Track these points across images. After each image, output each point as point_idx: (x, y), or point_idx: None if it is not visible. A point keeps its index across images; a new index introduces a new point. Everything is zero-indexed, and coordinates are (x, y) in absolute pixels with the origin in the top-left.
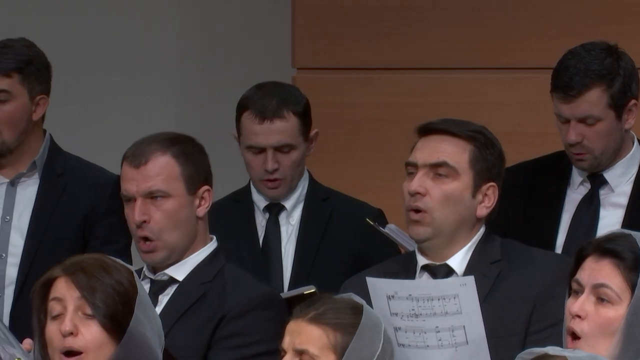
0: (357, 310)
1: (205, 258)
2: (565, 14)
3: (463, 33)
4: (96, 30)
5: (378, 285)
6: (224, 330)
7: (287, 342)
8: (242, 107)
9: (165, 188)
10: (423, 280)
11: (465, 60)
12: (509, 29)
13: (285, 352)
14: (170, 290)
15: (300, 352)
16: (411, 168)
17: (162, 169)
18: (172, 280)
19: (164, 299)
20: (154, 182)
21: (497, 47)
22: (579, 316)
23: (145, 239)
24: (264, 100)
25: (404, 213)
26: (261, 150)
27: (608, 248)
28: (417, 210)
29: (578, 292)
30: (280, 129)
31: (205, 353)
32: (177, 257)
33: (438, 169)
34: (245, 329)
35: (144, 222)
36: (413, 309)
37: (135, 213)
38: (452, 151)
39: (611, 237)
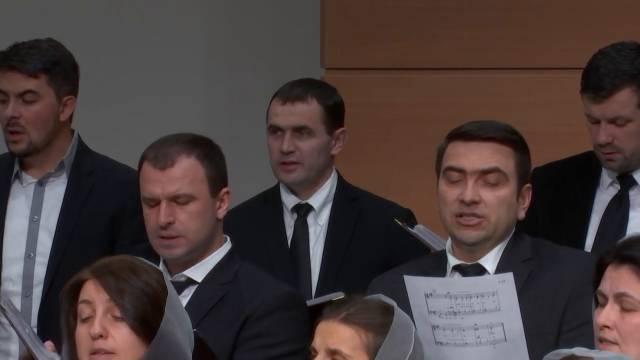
0: (387, 311)
1: (222, 259)
2: (597, 14)
3: (494, 33)
4: (125, 30)
5: (416, 284)
6: (250, 331)
7: (318, 342)
8: (273, 96)
9: (191, 191)
10: (462, 278)
11: (496, 60)
12: (540, 29)
13: (316, 353)
14: (188, 292)
15: (332, 352)
16: (456, 174)
17: (187, 171)
18: (190, 281)
19: (182, 300)
20: (180, 185)
21: (528, 47)
22: (607, 327)
23: (168, 237)
24: (293, 87)
25: (444, 216)
26: (281, 133)
27: (626, 255)
28: (472, 217)
29: (603, 304)
30: (300, 111)
31: (230, 353)
32: (195, 257)
33: (488, 176)
34: (271, 329)
35: (169, 223)
36: (451, 307)
37: (161, 215)
38: (501, 157)
39: (628, 243)
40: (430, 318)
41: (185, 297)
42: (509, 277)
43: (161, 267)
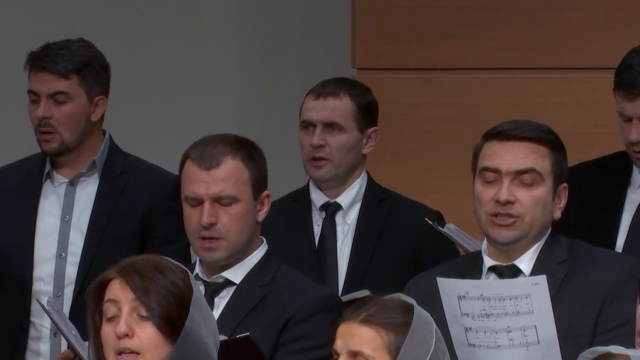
0: (407, 310)
1: (260, 260)
2: (628, 13)
3: (524, 33)
4: (156, 30)
5: (449, 286)
6: (290, 333)
7: (339, 344)
8: (307, 93)
9: (235, 192)
10: (494, 281)
11: (527, 60)
12: (571, 29)
13: (338, 355)
14: (226, 293)
15: (354, 354)
16: (492, 174)
17: (232, 173)
18: (228, 283)
19: (220, 301)
20: (224, 186)
21: (558, 47)
22: None
23: (210, 238)
24: (327, 83)
25: (479, 216)
26: (312, 128)
27: None
28: (507, 216)
29: None
30: (331, 106)
31: (270, 356)
32: (235, 259)
33: (524, 176)
34: (311, 332)
35: (212, 224)
36: (484, 309)
37: (204, 215)
38: (536, 157)
39: None
40: (463, 320)
41: (223, 299)
42: (542, 279)
43: (197, 268)
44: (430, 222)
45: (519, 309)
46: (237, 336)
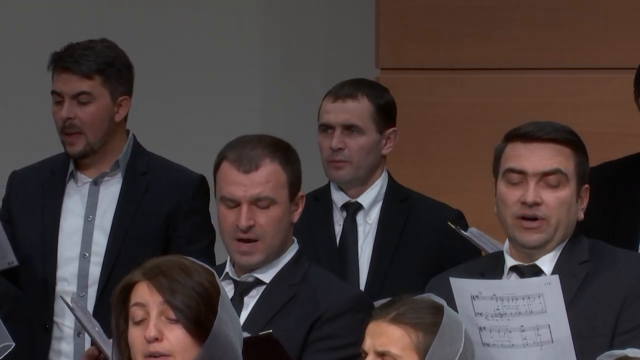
0: (437, 310)
1: (290, 260)
2: None
3: (548, 33)
4: (180, 29)
5: (462, 286)
6: (319, 332)
7: (368, 343)
8: (325, 95)
9: (273, 196)
10: (507, 280)
11: (551, 60)
12: (595, 28)
13: (366, 354)
14: (256, 292)
15: (382, 354)
16: (517, 176)
17: (271, 176)
18: (258, 282)
19: (249, 301)
20: (263, 189)
21: (582, 47)
22: None
23: (247, 240)
24: (345, 85)
25: (504, 218)
26: (331, 130)
27: None
28: (534, 219)
29: None
30: (350, 108)
31: (299, 354)
32: (270, 261)
33: (550, 177)
34: (340, 331)
35: (249, 226)
36: (497, 309)
37: (242, 218)
38: (562, 159)
39: None
40: (476, 320)
41: (252, 298)
42: (554, 279)
43: (228, 267)
44: (453, 227)
45: (532, 308)
46: (260, 333)
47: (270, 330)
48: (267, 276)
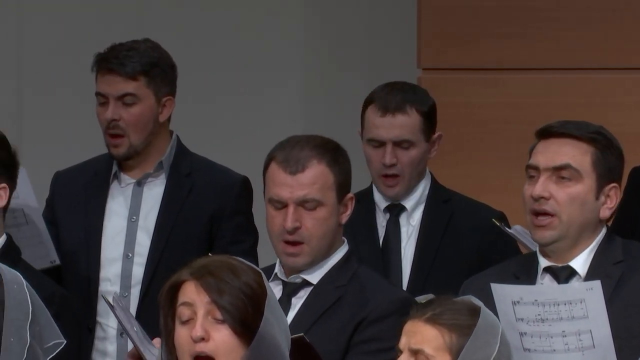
0: (475, 312)
1: (339, 261)
2: None
3: (590, 33)
4: (222, 30)
5: (503, 291)
6: (363, 334)
7: (403, 342)
8: (368, 101)
9: (320, 197)
10: (549, 286)
11: (593, 60)
12: (637, 28)
13: (401, 352)
14: (304, 293)
15: (415, 352)
16: (533, 171)
17: (318, 177)
18: (306, 283)
19: (297, 301)
20: (309, 191)
21: (624, 47)
22: None
23: (293, 242)
24: (389, 95)
25: (526, 215)
26: (381, 144)
27: None
28: (543, 214)
29: None
30: (401, 123)
31: (342, 356)
32: (317, 262)
33: (561, 172)
34: (384, 333)
35: (296, 228)
36: (539, 314)
37: (288, 220)
38: (575, 154)
39: None
40: (517, 325)
41: (300, 299)
42: (596, 284)
43: (277, 267)
44: (498, 224)
45: (574, 313)
46: (293, 336)
47: (302, 334)
48: (314, 277)
